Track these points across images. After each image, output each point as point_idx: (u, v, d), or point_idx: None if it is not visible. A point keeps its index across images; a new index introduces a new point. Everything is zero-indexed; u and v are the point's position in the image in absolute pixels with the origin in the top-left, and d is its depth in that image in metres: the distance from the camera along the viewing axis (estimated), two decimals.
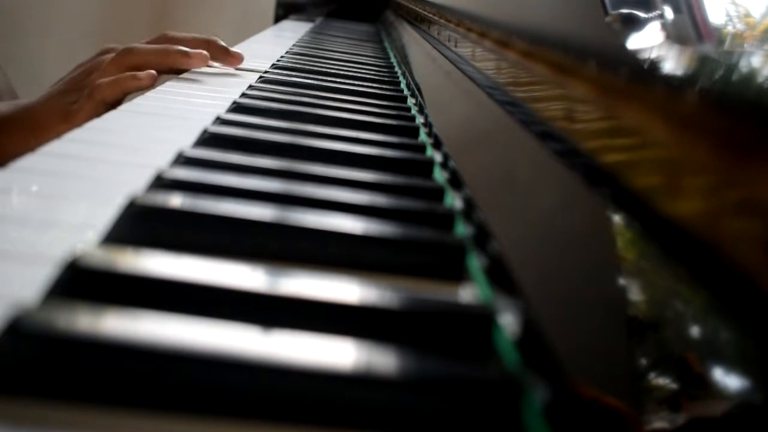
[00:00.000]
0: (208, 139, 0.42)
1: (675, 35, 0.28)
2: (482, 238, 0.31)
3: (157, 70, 0.70)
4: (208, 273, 0.24)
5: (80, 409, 0.19)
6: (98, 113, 0.67)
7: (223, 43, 0.77)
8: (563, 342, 0.22)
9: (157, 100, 0.56)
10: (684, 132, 0.20)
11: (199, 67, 0.75)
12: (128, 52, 0.72)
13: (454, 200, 0.37)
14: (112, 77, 0.69)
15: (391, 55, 1.10)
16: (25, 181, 0.34)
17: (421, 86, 0.68)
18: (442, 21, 0.72)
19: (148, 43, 0.76)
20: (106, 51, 0.77)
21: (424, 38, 0.85)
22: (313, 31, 1.38)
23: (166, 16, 2.05)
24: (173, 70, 0.72)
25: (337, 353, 0.21)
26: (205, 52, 0.75)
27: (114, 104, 0.69)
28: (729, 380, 0.16)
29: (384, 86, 0.75)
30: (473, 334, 0.24)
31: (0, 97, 0.93)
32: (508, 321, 0.25)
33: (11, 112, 0.72)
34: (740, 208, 0.17)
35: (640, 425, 0.17)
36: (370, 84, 0.74)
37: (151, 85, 0.72)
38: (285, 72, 0.75)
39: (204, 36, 0.77)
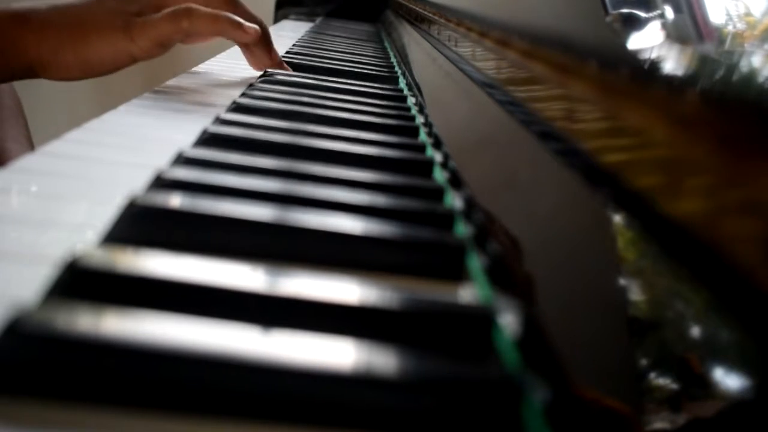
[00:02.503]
0: (207, 139, 0.42)
1: (675, 35, 0.28)
2: (482, 238, 0.31)
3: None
4: (208, 273, 0.24)
5: (80, 409, 0.19)
6: (171, 40, 0.58)
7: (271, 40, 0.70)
8: (563, 342, 0.22)
9: (155, 100, 0.56)
10: (684, 132, 0.20)
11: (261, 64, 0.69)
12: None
13: (454, 200, 0.37)
14: (212, 11, 0.59)
15: (391, 54, 1.10)
16: (24, 181, 0.34)
17: (421, 86, 0.68)
18: (442, 21, 0.72)
19: None
20: None
21: (424, 38, 0.85)
22: (312, 31, 1.38)
23: None
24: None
25: (336, 353, 0.21)
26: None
27: (173, 43, 0.59)
28: (730, 380, 0.16)
29: (384, 86, 0.75)
30: (473, 335, 0.24)
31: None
32: (509, 321, 0.25)
33: (41, 10, 0.58)
34: (740, 208, 0.17)
35: (640, 428, 0.17)
36: (370, 83, 0.74)
37: (249, 43, 0.63)
38: (285, 71, 0.75)
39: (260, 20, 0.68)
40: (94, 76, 0.61)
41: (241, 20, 0.62)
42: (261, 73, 0.72)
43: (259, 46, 0.68)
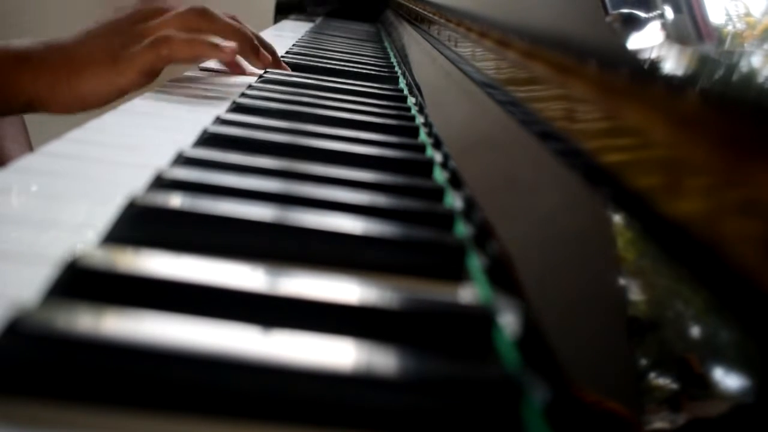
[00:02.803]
0: (207, 139, 0.42)
1: (675, 35, 0.28)
2: (482, 238, 0.31)
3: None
4: (208, 273, 0.24)
5: (80, 409, 0.19)
6: (153, 69, 0.61)
7: (256, 42, 0.71)
8: (563, 342, 0.22)
9: (156, 100, 0.56)
10: (684, 132, 0.20)
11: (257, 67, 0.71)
12: (205, 14, 0.65)
13: (454, 200, 0.37)
14: (188, 35, 0.61)
15: (391, 54, 1.10)
16: (24, 181, 0.34)
17: (421, 86, 0.68)
18: (442, 21, 0.72)
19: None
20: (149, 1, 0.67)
21: (424, 38, 0.85)
22: (312, 31, 1.38)
23: None
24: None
25: (337, 353, 0.21)
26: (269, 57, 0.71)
27: (159, 70, 0.62)
28: (729, 380, 0.16)
29: (384, 86, 0.75)
30: (473, 335, 0.24)
31: None
32: (509, 321, 0.25)
33: (38, 49, 0.62)
34: (740, 208, 0.17)
35: (640, 429, 0.17)
36: (370, 83, 0.74)
37: (229, 62, 0.66)
38: (285, 71, 0.75)
39: (240, 26, 0.69)
40: (91, 108, 0.64)
41: (218, 40, 0.64)
42: (261, 73, 0.72)
43: (247, 54, 0.69)
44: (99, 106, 0.63)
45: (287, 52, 0.93)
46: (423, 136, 0.53)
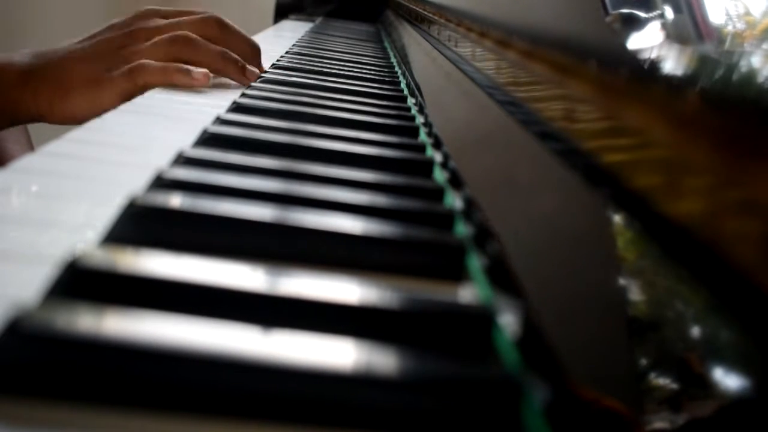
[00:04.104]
0: (207, 139, 0.42)
1: (675, 35, 0.28)
2: (482, 238, 0.31)
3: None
4: (208, 273, 0.24)
5: (80, 409, 0.19)
6: (131, 94, 0.62)
7: (242, 63, 0.69)
8: (563, 342, 0.22)
9: (156, 100, 0.56)
10: (684, 132, 0.20)
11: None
12: (187, 41, 0.66)
13: (454, 200, 0.37)
14: (162, 64, 0.63)
15: (391, 54, 1.10)
16: (25, 181, 0.34)
17: (421, 86, 0.68)
18: (442, 21, 0.72)
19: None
20: (145, 15, 0.69)
21: (424, 38, 0.85)
22: (312, 31, 1.38)
23: None
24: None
25: (336, 353, 0.21)
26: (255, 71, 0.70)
27: (137, 94, 0.63)
28: (729, 380, 0.16)
29: (384, 86, 0.75)
30: (473, 334, 0.24)
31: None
32: (508, 321, 0.25)
33: (37, 66, 0.65)
34: (740, 208, 0.17)
35: (640, 427, 0.17)
36: (370, 84, 0.74)
37: (203, 86, 0.67)
38: (285, 72, 0.75)
39: (225, 52, 0.68)
40: (81, 123, 0.66)
41: (190, 68, 0.65)
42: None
43: (232, 75, 0.69)
44: (86, 120, 0.66)
45: (287, 52, 0.93)
46: (423, 136, 0.53)
